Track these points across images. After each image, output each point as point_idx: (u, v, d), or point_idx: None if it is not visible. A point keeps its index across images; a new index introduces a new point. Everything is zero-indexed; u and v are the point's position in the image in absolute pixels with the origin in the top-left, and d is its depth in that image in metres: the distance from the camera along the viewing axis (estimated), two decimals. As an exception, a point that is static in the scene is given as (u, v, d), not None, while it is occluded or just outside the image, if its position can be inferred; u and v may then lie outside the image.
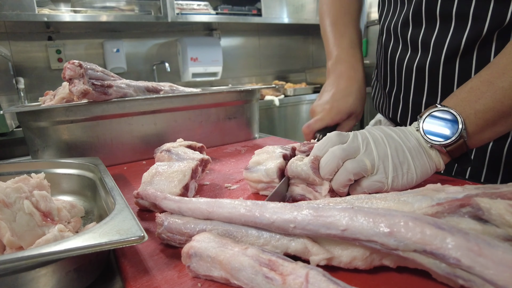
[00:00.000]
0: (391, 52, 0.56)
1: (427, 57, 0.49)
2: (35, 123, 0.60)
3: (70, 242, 0.25)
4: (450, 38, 0.46)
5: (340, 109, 0.54)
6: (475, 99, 0.37)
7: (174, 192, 0.41)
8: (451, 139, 0.37)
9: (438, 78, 0.49)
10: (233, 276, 0.24)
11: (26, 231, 0.31)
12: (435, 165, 0.38)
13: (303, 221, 0.25)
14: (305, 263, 0.24)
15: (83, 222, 0.40)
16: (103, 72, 0.64)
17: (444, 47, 0.47)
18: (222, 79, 2.22)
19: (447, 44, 0.47)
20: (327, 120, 0.54)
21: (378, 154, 0.37)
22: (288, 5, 2.15)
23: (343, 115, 0.55)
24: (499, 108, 0.36)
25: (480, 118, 0.36)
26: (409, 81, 0.53)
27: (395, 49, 0.56)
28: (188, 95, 0.72)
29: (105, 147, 0.64)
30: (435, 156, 0.38)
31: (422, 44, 0.50)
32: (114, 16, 1.68)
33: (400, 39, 0.54)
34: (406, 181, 0.36)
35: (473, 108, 0.37)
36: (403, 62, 0.54)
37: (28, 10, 1.46)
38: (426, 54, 0.50)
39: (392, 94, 0.58)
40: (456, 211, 0.25)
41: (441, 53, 0.48)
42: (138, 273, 0.29)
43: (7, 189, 0.31)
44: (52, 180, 0.41)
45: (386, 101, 0.60)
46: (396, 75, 0.56)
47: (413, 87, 0.53)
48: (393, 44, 0.56)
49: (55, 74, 1.82)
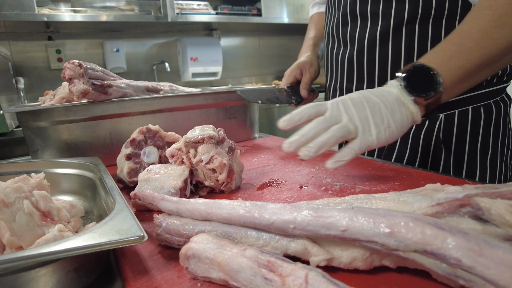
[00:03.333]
0: (330, 51, 0.70)
1: (353, 49, 0.61)
2: (35, 123, 0.60)
3: (70, 242, 0.25)
4: (368, 31, 0.58)
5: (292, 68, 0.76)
6: (448, 57, 0.43)
7: (176, 184, 0.41)
8: (433, 92, 0.42)
9: (363, 65, 0.61)
10: (231, 278, 0.24)
11: (26, 231, 0.31)
12: (413, 118, 0.43)
13: (303, 221, 0.25)
14: (304, 264, 0.24)
15: (83, 222, 0.40)
16: (103, 72, 0.64)
17: (365, 39, 0.59)
18: (222, 79, 2.22)
19: (367, 36, 0.59)
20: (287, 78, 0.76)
21: (359, 117, 0.42)
22: (288, 5, 2.15)
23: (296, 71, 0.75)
24: (467, 66, 0.42)
25: (453, 75, 0.42)
26: (342, 72, 0.66)
27: (332, 48, 0.69)
28: (188, 95, 0.72)
29: (105, 147, 0.64)
30: (414, 109, 0.43)
31: (350, 39, 0.62)
32: (114, 16, 1.68)
33: (335, 38, 0.67)
34: (389, 135, 0.42)
35: (446, 65, 0.43)
36: (338, 57, 0.67)
37: (28, 10, 1.46)
38: (352, 47, 0.62)
39: (331, 85, 0.71)
40: (456, 211, 0.25)
41: (363, 44, 0.60)
42: (138, 273, 0.29)
43: (6, 189, 0.31)
44: (52, 180, 0.41)
45: (327, 93, 0.75)
46: (334, 68, 0.69)
47: (345, 76, 0.65)
48: (331, 44, 0.69)
49: (55, 74, 1.82)
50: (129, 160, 0.50)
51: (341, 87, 0.67)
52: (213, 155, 0.44)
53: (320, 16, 0.86)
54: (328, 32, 0.70)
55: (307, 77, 0.74)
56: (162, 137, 0.53)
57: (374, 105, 0.42)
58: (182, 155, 0.46)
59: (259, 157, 0.66)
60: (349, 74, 0.64)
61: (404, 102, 0.43)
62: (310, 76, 0.74)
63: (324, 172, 0.52)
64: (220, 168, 0.44)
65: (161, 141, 0.53)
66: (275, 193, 0.45)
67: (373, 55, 0.59)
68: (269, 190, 0.47)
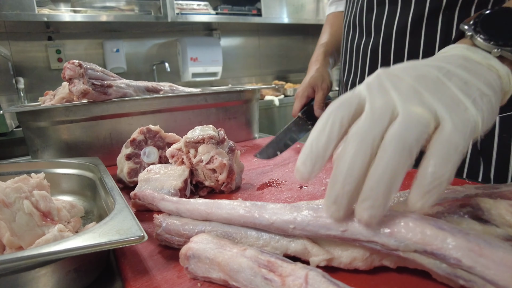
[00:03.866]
0: (350, 42, 0.63)
1: (379, 38, 0.55)
2: (35, 123, 0.60)
3: (70, 242, 0.25)
4: (398, 18, 0.52)
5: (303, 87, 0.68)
6: None
7: (176, 185, 0.41)
8: None
9: (390, 57, 0.54)
10: (231, 278, 0.24)
11: (26, 231, 0.31)
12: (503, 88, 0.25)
13: (303, 222, 0.25)
14: (305, 264, 0.24)
15: (83, 222, 0.40)
16: (103, 72, 0.64)
17: (393, 27, 0.52)
18: (222, 79, 2.22)
19: (396, 24, 0.52)
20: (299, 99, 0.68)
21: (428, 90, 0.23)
22: (288, 5, 2.15)
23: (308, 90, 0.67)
24: None
25: None
26: (364, 65, 0.59)
27: (353, 38, 0.62)
28: (188, 95, 0.72)
29: (105, 147, 0.64)
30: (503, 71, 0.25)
31: (375, 27, 0.56)
32: (114, 16, 1.68)
33: (357, 27, 0.60)
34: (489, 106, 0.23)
35: None
36: (359, 48, 0.60)
37: (28, 10, 1.46)
38: (378, 36, 0.55)
39: (350, 80, 0.64)
40: (456, 211, 0.25)
41: (392, 32, 0.53)
42: (138, 273, 0.29)
43: (6, 189, 0.31)
44: (52, 180, 0.41)
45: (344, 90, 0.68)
46: (354, 61, 0.62)
47: (367, 69, 0.58)
48: (352, 34, 0.62)
49: (55, 74, 1.82)
50: (129, 160, 0.50)
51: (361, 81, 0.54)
52: (213, 155, 0.44)
53: (336, 16, 0.78)
54: (349, 22, 0.63)
55: (320, 95, 0.67)
56: (163, 137, 0.53)
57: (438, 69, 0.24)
58: (182, 155, 0.46)
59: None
60: (371, 67, 0.57)
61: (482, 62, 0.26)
62: (323, 93, 0.67)
63: (324, 172, 0.52)
64: (220, 168, 0.44)
65: (162, 141, 0.53)
66: (275, 193, 0.45)
67: (402, 45, 0.52)
68: (269, 190, 0.47)
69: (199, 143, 0.45)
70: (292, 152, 0.68)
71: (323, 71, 0.70)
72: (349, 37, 0.63)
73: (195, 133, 0.46)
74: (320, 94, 0.67)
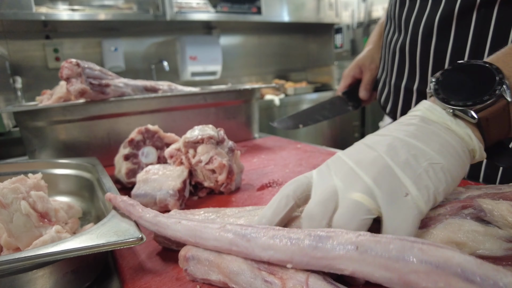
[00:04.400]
0: (386, 36, 0.58)
1: (406, 37, 0.49)
2: (32, 122, 0.60)
3: (68, 243, 0.25)
4: (426, 16, 0.46)
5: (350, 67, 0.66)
6: None
7: (174, 185, 0.41)
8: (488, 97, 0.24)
9: (415, 59, 0.48)
10: (231, 280, 0.24)
11: (23, 232, 0.31)
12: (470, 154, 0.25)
13: (301, 262, 0.21)
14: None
15: (81, 223, 0.39)
16: (101, 71, 0.63)
17: (420, 26, 0.46)
18: (222, 78, 2.21)
19: (423, 22, 0.46)
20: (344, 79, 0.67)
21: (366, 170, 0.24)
22: (288, 4, 2.15)
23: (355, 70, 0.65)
24: None
25: None
26: (392, 63, 0.54)
27: (388, 32, 0.57)
28: (187, 95, 0.71)
29: (103, 147, 0.63)
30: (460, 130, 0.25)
31: (405, 23, 0.50)
32: (112, 14, 1.67)
33: (391, 21, 0.56)
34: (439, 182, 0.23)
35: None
36: (390, 44, 0.55)
37: (25, 9, 1.45)
38: (406, 34, 0.49)
39: (381, 78, 0.60)
40: (458, 213, 0.24)
41: (418, 32, 0.47)
42: (136, 275, 0.29)
43: (4, 189, 0.31)
44: (49, 181, 0.41)
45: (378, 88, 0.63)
46: (385, 58, 0.58)
47: (395, 69, 0.53)
48: (387, 27, 0.58)
49: (52, 73, 1.81)
50: (127, 161, 0.49)
51: (389, 82, 0.55)
52: (212, 155, 0.44)
53: None
54: (388, 14, 0.58)
55: (368, 76, 0.63)
56: (161, 137, 0.53)
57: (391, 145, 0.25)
58: (181, 155, 0.45)
59: (259, 157, 0.65)
60: (399, 68, 0.51)
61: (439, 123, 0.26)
62: (371, 74, 0.63)
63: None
64: (219, 169, 0.44)
65: (160, 141, 0.53)
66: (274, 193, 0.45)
67: (428, 46, 0.45)
68: (269, 191, 0.47)
69: (198, 143, 0.45)
70: (293, 152, 0.67)
71: (374, 52, 0.65)
72: (385, 29, 0.59)
73: (194, 133, 0.46)
74: (367, 75, 0.63)
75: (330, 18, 2.31)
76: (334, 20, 2.32)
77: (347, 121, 2.21)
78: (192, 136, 0.45)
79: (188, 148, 0.45)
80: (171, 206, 0.40)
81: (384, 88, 0.57)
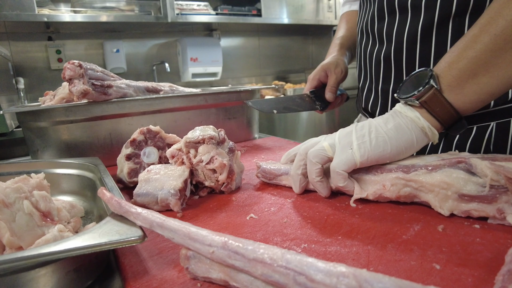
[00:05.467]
0: (364, 48, 0.63)
1: (391, 46, 0.55)
2: (35, 123, 0.60)
3: (70, 242, 0.25)
4: (408, 27, 0.52)
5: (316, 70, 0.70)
6: (450, 56, 0.38)
7: (176, 185, 0.41)
8: (422, 88, 0.37)
9: (402, 65, 0.55)
10: (232, 278, 0.24)
11: (26, 231, 0.31)
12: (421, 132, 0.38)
13: None
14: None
15: (83, 222, 0.40)
16: (103, 72, 0.64)
17: (404, 36, 0.53)
18: (222, 79, 2.22)
19: (406, 32, 0.53)
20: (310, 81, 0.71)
21: (339, 135, 0.40)
22: (288, 6, 2.15)
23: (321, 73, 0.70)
24: (472, 55, 0.36)
25: (456, 68, 0.37)
26: (378, 72, 0.60)
27: (366, 45, 0.62)
28: (188, 95, 0.72)
29: (105, 147, 0.64)
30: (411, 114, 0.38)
31: (387, 36, 0.56)
32: (114, 16, 1.68)
33: (370, 35, 0.61)
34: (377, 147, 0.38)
35: (448, 62, 0.38)
36: (372, 55, 0.60)
37: (28, 10, 1.46)
38: (390, 44, 0.56)
39: (365, 86, 0.64)
40: (454, 165, 0.35)
41: (403, 41, 0.53)
42: (138, 273, 0.29)
43: (6, 189, 0.31)
44: (52, 180, 0.41)
45: (360, 95, 0.67)
46: (368, 68, 0.62)
47: (381, 76, 0.59)
48: (365, 41, 0.63)
49: (55, 74, 1.82)
50: (129, 161, 0.50)
51: (376, 88, 0.61)
52: (213, 155, 0.44)
53: (351, 15, 0.79)
54: (361, 28, 0.64)
55: (333, 79, 0.68)
56: (163, 138, 0.53)
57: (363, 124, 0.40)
58: (183, 155, 0.46)
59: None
60: (385, 74, 0.58)
61: (401, 111, 0.40)
62: (336, 78, 0.68)
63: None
64: (220, 169, 0.44)
65: (162, 142, 0.53)
66: (275, 194, 0.45)
67: (413, 52, 0.52)
68: (269, 191, 0.47)
69: (200, 144, 0.45)
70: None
71: (338, 59, 0.71)
72: (362, 43, 0.64)
73: (195, 133, 0.46)
74: (333, 78, 0.68)
75: (329, 20, 2.32)
76: (333, 22, 2.32)
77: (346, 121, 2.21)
78: (193, 136, 0.45)
79: (189, 148, 0.45)
80: (172, 205, 0.41)
81: (370, 95, 0.63)
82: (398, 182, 0.37)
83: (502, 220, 0.32)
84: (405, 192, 0.37)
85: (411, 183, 0.36)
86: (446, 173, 0.34)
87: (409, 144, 0.38)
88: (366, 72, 0.64)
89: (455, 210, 0.34)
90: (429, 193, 0.36)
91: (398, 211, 0.37)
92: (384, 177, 0.38)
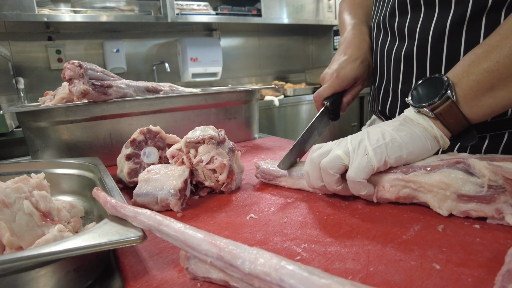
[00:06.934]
0: (381, 45, 0.57)
1: (413, 44, 0.50)
2: (35, 123, 0.60)
3: (70, 242, 0.25)
4: (435, 22, 0.47)
5: (346, 75, 0.57)
6: (468, 64, 0.37)
7: (176, 185, 0.41)
8: (437, 99, 0.37)
9: (426, 64, 0.49)
10: (232, 279, 0.24)
11: (26, 231, 0.31)
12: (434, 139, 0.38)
13: None
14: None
15: (83, 222, 0.40)
16: (103, 72, 0.64)
17: (430, 32, 0.48)
18: (222, 79, 2.22)
19: (432, 28, 0.48)
20: (334, 86, 0.57)
21: (352, 141, 0.39)
22: (288, 6, 2.15)
23: (349, 81, 0.57)
24: (494, 68, 0.35)
25: (473, 80, 0.36)
26: (397, 71, 0.54)
27: (384, 42, 0.56)
28: (188, 95, 0.72)
29: (105, 147, 0.64)
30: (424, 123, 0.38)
31: (409, 32, 0.51)
32: (114, 16, 1.68)
33: (388, 31, 0.55)
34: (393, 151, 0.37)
35: (465, 71, 0.37)
36: (391, 53, 0.55)
37: (28, 10, 1.46)
38: (412, 42, 0.50)
39: (382, 87, 0.58)
40: (452, 166, 0.35)
41: (427, 38, 0.48)
42: (138, 273, 0.29)
43: (6, 189, 0.31)
44: (52, 180, 0.41)
45: (376, 96, 0.61)
46: (385, 67, 0.57)
47: (401, 76, 0.54)
48: (382, 37, 0.57)
49: (55, 74, 1.82)
50: (129, 161, 0.50)
51: (395, 89, 0.55)
52: (213, 155, 0.44)
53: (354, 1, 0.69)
54: (378, 23, 0.57)
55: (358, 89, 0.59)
56: (163, 138, 0.53)
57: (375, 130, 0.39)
58: (183, 155, 0.46)
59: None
60: (406, 74, 0.53)
61: (412, 119, 0.39)
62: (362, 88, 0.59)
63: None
64: (220, 169, 0.44)
65: (162, 142, 0.53)
66: (275, 194, 0.46)
67: (439, 51, 0.48)
68: (269, 191, 0.47)
69: (200, 144, 0.45)
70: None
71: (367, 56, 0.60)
72: (379, 39, 0.58)
73: (195, 133, 0.46)
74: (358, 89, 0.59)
75: (329, 20, 2.32)
76: (333, 22, 2.32)
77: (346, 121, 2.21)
78: (193, 136, 0.45)
79: (190, 148, 0.45)
80: (172, 205, 0.41)
81: (388, 97, 0.57)
82: (397, 183, 0.37)
83: (501, 220, 0.32)
84: (404, 193, 0.37)
85: (410, 184, 0.37)
86: (445, 174, 0.35)
87: (424, 150, 0.38)
88: (382, 71, 0.58)
89: (454, 210, 0.34)
90: (428, 193, 0.36)
91: (398, 211, 0.37)
92: (384, 178, 0.38)
